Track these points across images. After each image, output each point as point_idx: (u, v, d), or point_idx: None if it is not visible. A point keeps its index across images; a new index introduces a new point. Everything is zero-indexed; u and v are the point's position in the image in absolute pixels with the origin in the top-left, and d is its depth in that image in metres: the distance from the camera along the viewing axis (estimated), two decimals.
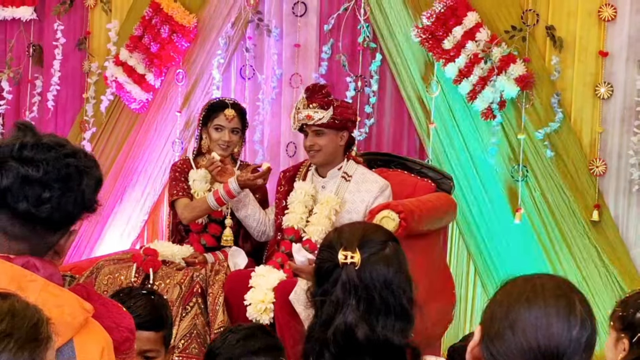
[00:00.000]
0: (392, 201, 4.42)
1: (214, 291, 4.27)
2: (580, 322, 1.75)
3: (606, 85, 5.00)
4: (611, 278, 4.96)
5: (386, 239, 2.21)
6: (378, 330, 2.10)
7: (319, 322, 2.15)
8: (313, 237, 4.37)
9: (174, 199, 4.73)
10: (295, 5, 5.50)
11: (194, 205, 4.65)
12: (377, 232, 2.24)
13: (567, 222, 5.06)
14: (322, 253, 2.22)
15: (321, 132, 4.46)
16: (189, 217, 4.66)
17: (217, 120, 4.73)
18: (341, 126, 4.48)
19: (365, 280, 2.12)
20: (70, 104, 5.97)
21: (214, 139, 4.73)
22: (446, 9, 5.12)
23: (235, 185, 4.50)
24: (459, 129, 5.23)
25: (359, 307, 2.10)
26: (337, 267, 2.14)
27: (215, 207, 4.56)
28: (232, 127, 4.73)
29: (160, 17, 5.59)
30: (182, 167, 4.81)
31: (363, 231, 2.22)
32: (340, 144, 4.51)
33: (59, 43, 5.93)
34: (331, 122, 4.45)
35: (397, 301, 2.14)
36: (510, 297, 1.79)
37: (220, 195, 4.52)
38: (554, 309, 1.74)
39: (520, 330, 1.74)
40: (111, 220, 5.82)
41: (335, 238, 2.21)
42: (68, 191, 1.94)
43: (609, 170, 5.02)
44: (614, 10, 4.97)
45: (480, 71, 5.07)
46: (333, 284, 2.13)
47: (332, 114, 4.44)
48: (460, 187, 5.15)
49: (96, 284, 4.33)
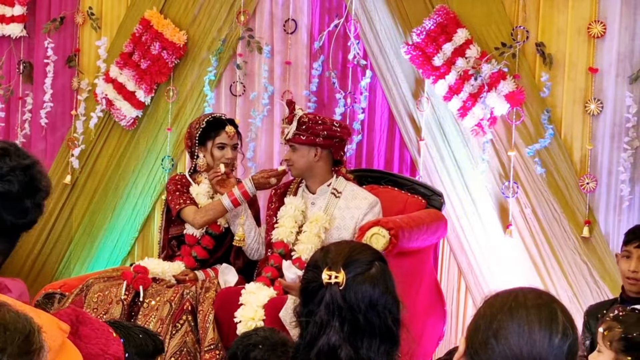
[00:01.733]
0: (382, 218, 4.47)
1: (204, 308, 4.30)
2: (562, 331, 1.79)
3: (596, 101, 5.04)
4: (602, 293, 4.99)
5: (373, 258, 2.22)
6: (362, 352, 2.11)
7: (303, 343, 2.16)
8: (303, 256, 4.41)
9: (181, 207, 4.73)
10: (286, 22, 5.55)
11: (207, 208, 4.67)
12: (364, 252, 2.24)
13: (558, 239, 5.10)
14: (308, 273, 2.23)
15: (294, 147, 4.55)
16: (202, 221, 4.68)
17: (219, 139, 4.76)
18: (309, 142, 4.51)
19: (349, 301, 2.12)
20: (60, 121, 5.99)
21: (217, 157, 4.76)
22: (436, 25, 5.17)
23: (251, 185, 4.57)
24: (449, 146, 5.27)
25: (342, 328, 2.10)
26: (322, 287, 2.15)
27: (230, 208, 4.60)
28: (233, 143, 4.80)
29: (150, 33, 5.63)
30: (182, 181, 4.85)
31: (349, 251, 2.22)
32: (315, 160, 4.54)
33: (50, 60, 5.96)
34: (297, 137, 4.50)
35: (383, 322, 2.14)
36: (493, 308, 1.83)
37: (236, 196, 4.57)
38: (536, 318, 1.79)
39: (504, 339, 1.78)
40: (101, 238, 5.85)
41: (321, 258, 2.21)
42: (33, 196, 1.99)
43: (599, 186, 5.06)
44: (603, 27, 5.02)
45: (470, 88, 5.13)
46: (318, 304, 2.14)
47: (296, 130, 4.49)
48: (451, 204, 5.20)
49: (86, 301, 4.36)
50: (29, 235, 6.07)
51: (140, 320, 4.25)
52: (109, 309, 4.29)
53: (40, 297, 4.58)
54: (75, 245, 5.90)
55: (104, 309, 4.30)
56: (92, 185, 5.88)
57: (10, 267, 6.00)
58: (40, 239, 5.96)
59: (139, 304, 4.34)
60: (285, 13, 5.56)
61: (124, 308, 4.29)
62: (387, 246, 4.21)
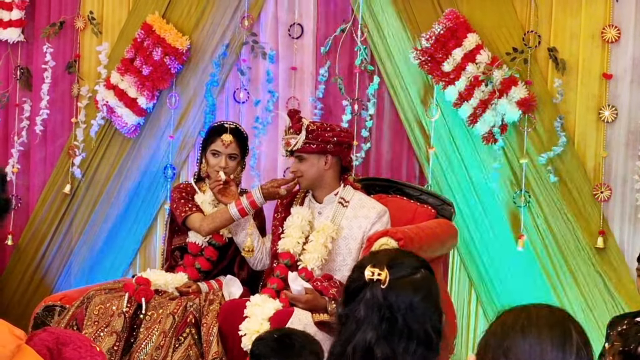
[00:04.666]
0: (390, 228, 4.46)
1: (207, 321, 4.30)
2: (575, 351, 1.79)
3: (610, 108, 5.05)
4: (617, 306, 4.99)
5: (419, 265, 2.27)
6: (398, 352, 2.13)
7: (340, 340, 2.19)
8: (309, 265, 4.42)
9: (187, 215, 4.74)
10: (291, 27, 5.55)
11: (214, 215, 4.68)
12: (411, 258, 2.31)
13: (571, 249, 5.10)
14: (353, 273, 2.29)
15: (302, 158, 4.54)
16: (209, 228, 4.69)
17: (213, 146, 4.79)
18: (319, 150, 4.51)
19: (390, 300, 2.17)
20: (60, 129, 5.99)
21: (211, 165, 4.79)
22: (446, 30, 5.17)
23: (259, 195, 4.57)
24: (460, 154, 5.28)
25: (380, 325, 2.14)
26: (365, 287, 2.21)
27: (237, 217, 4.60)
28: (229, 152, 4.79)
29: (152, 39, 5.63)
30: (187, 189, 4.87)
31: (396, 254, 2.31)
32: (325, 169, 4.55)
33: (49, 66, 5.96)
34: (306, 146, 4.50)
35: (421, 328, 2.17)
36: (505, 326, 1.83)
37: (244, 205, 4.58)
38: (548, 338, 1.79)
39: (514, 358, 1.78)
40: (102, 248, 5.86)
41: (368, 258, 2.29)
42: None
43: (613, 195, 5.07)
44: (617, 32, 5.03)
45: (481, 94, 5.12)
46: (358, 302, 2.19)
47: (305, 139, 4.49)
48: (461, 213, 5.20)
49: (87, 314, 4.36)
50: (28, 246, 6.11)
51: (143, 333, 4.26)
52: (111, 322, 4.29)
53: (40, 310, 4.59)
54: (75, 257, 5.91)
55: (105, 322, 4.30)
56: (92, 195, 5.88)
57: (10, 279, 6.01)
58: (39, 250, 5.96)
59: (141, 317, 4.34)
60: (290, 17, 5.56)
61: (125, 321, 4.29)
62: None
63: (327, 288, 4.32)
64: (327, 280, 4.37)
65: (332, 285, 4.34)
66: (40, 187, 6.02)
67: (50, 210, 5.94)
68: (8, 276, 6.03)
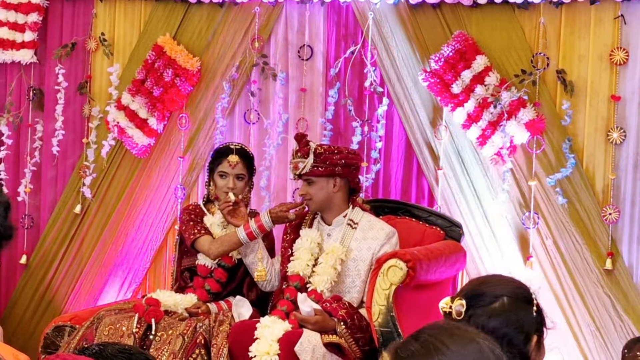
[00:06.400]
0: (399, 250, 4.50)
1: (217, 342, 4.33)
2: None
3: (618, 130, 5.07)
4: (625, 328, 5.01)
5: (502, 294, 2.27)
6: None
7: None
8: (318, 288, 4.46)
9: (195, 237, 4.80)
10: (301, 48, 5.60)
11: (222, 239, 4.73)
12: (495, 286, 2.31)
13: (580, 271, 5.12)
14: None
15: (310, 181, 4.59)
16: (217, 252, 4.74)
17: (221, 167, 4.85)
18: (328, 173, 4.57)
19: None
20: (71, 149, 6.03)
21: (219, 186, 4.85)
22: (455, 52, 5.22)
23: (268, 219, 4.61)
24: (468, 175, 5.31)
25: None
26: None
27: (245, 241, 4.65)
28: (236, 173, 4.84)
29: (163, 60, 5.68)
30: (196, 210, 4.92)
31: (481, 283, 2.31)
32: (334, 191, 4.60)
33: (61, 87, 6.00)
34: (315, 170, 4.56)
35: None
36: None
37: (252, 229, 4.62)
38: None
39: None
40: (112, 269, 5.89)
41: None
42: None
43: (622, 217, 5.09)
44: (625, 54, 5.06)
45: (490, 116, 5.16)
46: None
47: (313, 162, 4.54)
48: (470, 235, 5.22)
49: (97, 334, 4.40)
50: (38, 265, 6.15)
51: (152, 354, 4.29)
52: (120, 342, 4.33)
53: (50, 330, 4.63)
54: (85, 277, 5.93)
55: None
56: (103, 215, 5.92)
57: (20, 298, 6.05)
58: (50, 270, 5.99)
59: (150, 337, 4.38)
60: (300, 39, 5.62)
61: (135, 341, 4.32)
62: (405, 279, 4.26)
63: (336, 309, 4.36)
64: (336, 301, 4.41)
65: (341, 306, 4.38)
66: (51, 207, 6.06)
67: (61, 230, 5.98)
68: (18, 296, 6.06)
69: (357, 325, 4.34)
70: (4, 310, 6.06)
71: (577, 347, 5.11)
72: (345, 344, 4.29)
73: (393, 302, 4.26)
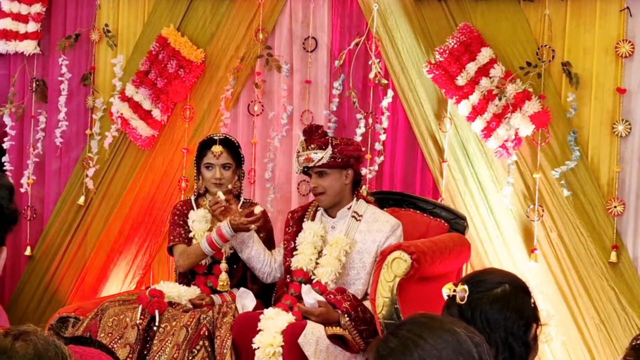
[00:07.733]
0: (403, 242, 4.51)
1: (221, 334, 4.35)
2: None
3: (624, 122, 5.07)
4: (630, 321, 5.01)
5: (502, 281, 2.35)
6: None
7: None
8: (322, 279, 4.46)
9: (171, 244, 4.89)
10: (306, 40, 5.61)
11: (188, 252, 4.78)
12: (495, 275, 2.39)
13: (585, 264, 5.12)
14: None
15: (324, 173, 4.59)
16: (184, 265, 4.80)
17: (206, 159, 4.89)
18: (343, 164, 4.59)
19: (466, 316, 2.25)
20: (75, 140, 6.05)
21: (206, 178, 4.88)
22: (460, 44, 5.22)
23: (228, 229, 4.62)
24: (473, 167, 5.31)
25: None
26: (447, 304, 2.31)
27: (209, 252, 4.69)
28: (222, 162, 4.87)
29: (167, 51, 5.70)
30: (182, 209, 4.94)
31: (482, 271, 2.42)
32: (346, 183, 4.62)
33: (64, 78, 6.02)
34: (332, 161, 4.57)
35: (503, 340, 2.25)
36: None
37: (213, 239, 4.65)
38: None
39: None
40: (116, 260, 5.91)
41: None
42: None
43: (627, 210, 5.09)
44: (631, 46, 5.06)
45: (495, 108, 5.17)
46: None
47: (332, 153, 4.56)
48: (474, 227, 5.23)
49: (101, 325, 4.41)
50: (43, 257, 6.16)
51: (156, 345, 4.31)
52: (124, 334, 4.35)
53: (54, 321, 4.64)
54: (89, 268, 5.95)
55: (118, 334, 4.35)
56: (107, 206, 5.93)
57: (24, 290, 6.07)
58: (54, 261, 6.02)
59: (154, 329, 4.39)
60: (305, 31, 5.62)
61: (139, 333, 4.34)
62: (409, 271, 4.27)
63: (340, 301, 4.37)
64: (340, 293, 4.42)
65: (345, 298, 4.39)
66: (55, 198, 6.08)
67: (65, 222, 6.00)
68: (22, 287, 6.08)
69: (361, 317, 4.35)
70: (9, 301, 6.07)
71: (581, 339, 5.12)
72: (349, 336, 4.30)
73: (397, 294, 4.26)
